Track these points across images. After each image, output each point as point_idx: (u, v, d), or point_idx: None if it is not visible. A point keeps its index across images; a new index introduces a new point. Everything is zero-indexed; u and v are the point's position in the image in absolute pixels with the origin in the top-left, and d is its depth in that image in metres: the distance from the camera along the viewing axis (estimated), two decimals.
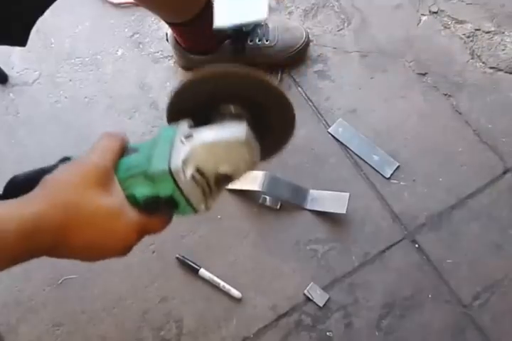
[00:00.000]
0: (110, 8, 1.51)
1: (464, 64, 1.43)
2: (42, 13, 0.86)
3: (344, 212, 1.27)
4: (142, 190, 0.54)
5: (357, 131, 1.36)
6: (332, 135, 1.36)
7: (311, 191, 1.31)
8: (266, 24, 1.36)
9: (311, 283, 1.25)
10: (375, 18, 1.48)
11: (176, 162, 0.52)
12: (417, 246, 1.28)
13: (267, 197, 1.29)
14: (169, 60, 1.45)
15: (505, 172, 1.34)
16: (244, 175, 0.58)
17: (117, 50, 1.47)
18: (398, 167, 1.33)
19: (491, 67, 1.43)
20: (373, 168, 1.34)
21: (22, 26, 0.85)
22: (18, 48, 1.45)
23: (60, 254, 0.52)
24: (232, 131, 0.56)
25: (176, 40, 1.34)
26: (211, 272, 1.24)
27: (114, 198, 0.53)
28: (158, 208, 0.55)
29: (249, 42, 1.35)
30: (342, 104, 1.39)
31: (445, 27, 1.47)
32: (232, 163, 0.56)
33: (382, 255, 1.28)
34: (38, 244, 0.48)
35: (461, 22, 1.47)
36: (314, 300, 1.23)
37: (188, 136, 0.55)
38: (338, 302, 1.24)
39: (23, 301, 1.25)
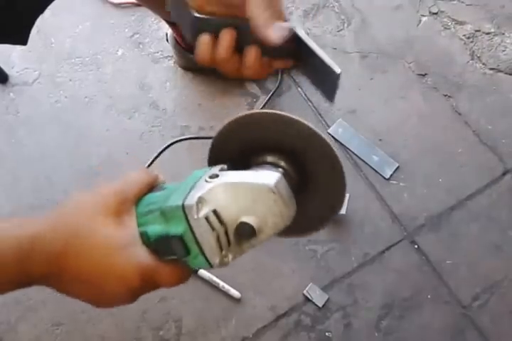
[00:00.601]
0: (110, 8, 1.51)
1: (464, 65, 1.43)
2: (42, 11, 0.86)
3: (344, 212, 1.27)
4: (154, 228, 0.49)
5: (357, 132, 1.36)
6: (332, 135, 1.36)
7: None
8: None
9: (311, 283, 1.24)
10: (375, 18, 1.48)
11: (191, 198, 0.47)
12: (416, 246, 1.28)
13: None
14: (169, 60, 1.45)
15: (504, 174, 1.34)
16: (273, 234, 0.50)
17: (117, 50, 1.47)
18: (398, 167, 1.34)
19: (491, 68, 1.43)
20: (373, 169, 1.34)
21: (22, 25, 0.85)
22: (18, 48, 1.46)
23: (58, 284, 0.48)
24: (261, 177, 0.49)
25: (175, 40, 1.34)
26: (210, 272, 1.24)
27: (125, 231, 0.48)
28: (169, 251, 0.49)
29: None
30: (342, 105, 1.39)
31: (445, 28, 1.47)
32: (257, 213, 0.49)
33: (382, 256, 1.28)
34: (33, 267, 0.46)
35: (461, 23, 1.47)
36: (313, 300, 1.23)
37: (214, 176, 0.50)
38: (337, 302, 1.24)
39: (22, 300, 1.25)
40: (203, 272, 1.23)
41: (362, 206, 1.31)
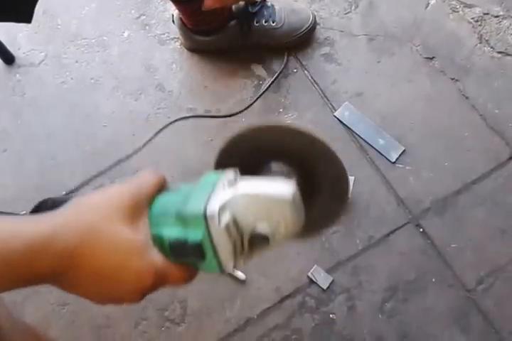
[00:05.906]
0: None
1: (472, 48, 1.42)
2: None
3: (349, 195, 1.27)
4: (171, 232, 0.50)
5: (363, 115, 1.36)
6: (338, 118, 1.36)
7: None
8: (272, 5, 1.35)
9: (315, 265, 1.25)
10: (382, 1, 1.47)
11: (214, 206, 0.48)
12: (421, 230, 1.28)
13: None
14: (175, 41, 1.44)
15: (511, 158, 1.33)
16: (280, 242, 0.52)
17: (123, 32, 1.46)
18: (404, 151, 1.33)
19: (499, 52, 1.42)
20: (379, 152, 1.33)
21: (27, 1, 0.85)
22: (24, 29, 1.46)
23: (67, 282, 0.48)
24: (279, 187, 0.50)
25: (182, 21, 1.34)
26: None
27: (140, 232, 0.49)
28: (184, 255, 0.50)
29: (255, 23, 1.34)
30: (348, 88, 1.39)
31: (453, 11, 1.45)
32: (272, 221, 0.50)
33: (387, 239, 1.28)
34: (43, 263, 0.45)
35: (470, 6, 1.45)
36: (318, 282, 1.24)
37: (232, 183, 0.51)
38: (341, 285, 1.25)
39: None
40: None
41: (367, 189, 1.31)
